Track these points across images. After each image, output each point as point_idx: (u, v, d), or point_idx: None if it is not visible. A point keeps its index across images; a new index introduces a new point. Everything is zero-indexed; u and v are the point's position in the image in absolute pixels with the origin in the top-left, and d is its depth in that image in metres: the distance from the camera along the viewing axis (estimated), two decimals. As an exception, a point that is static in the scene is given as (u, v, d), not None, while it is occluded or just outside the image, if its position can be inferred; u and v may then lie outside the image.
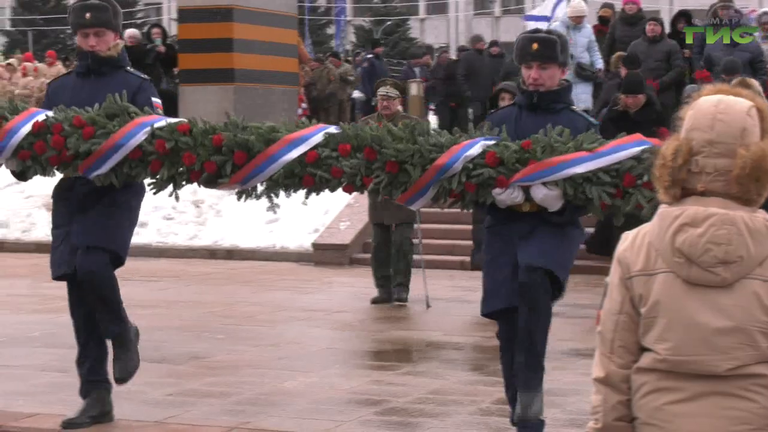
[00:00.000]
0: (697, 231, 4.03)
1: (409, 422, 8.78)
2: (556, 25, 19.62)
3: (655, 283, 4.10)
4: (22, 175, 7.66)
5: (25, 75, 31.04)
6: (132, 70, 7.94)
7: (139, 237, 15.98)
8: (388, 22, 74.73)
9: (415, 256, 14.53)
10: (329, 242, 18.58)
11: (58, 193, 7.79)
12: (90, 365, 8.18)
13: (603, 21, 23.20)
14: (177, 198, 7.56)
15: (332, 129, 7.14)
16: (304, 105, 28.00)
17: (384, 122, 12.49)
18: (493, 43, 28.95)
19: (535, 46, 6.85)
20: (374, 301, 14.19)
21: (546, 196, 6.57)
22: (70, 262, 7.67)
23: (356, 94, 28.60)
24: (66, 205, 7.72)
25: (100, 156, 7.04)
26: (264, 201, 7.18)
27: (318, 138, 6.99)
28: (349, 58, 32.60)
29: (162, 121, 7.21)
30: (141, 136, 7.04)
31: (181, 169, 7.15)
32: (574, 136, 6.61)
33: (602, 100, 18.09)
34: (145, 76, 7.95)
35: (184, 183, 7.34)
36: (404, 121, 7.31)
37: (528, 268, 6.85)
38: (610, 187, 6.47)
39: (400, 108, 14.12)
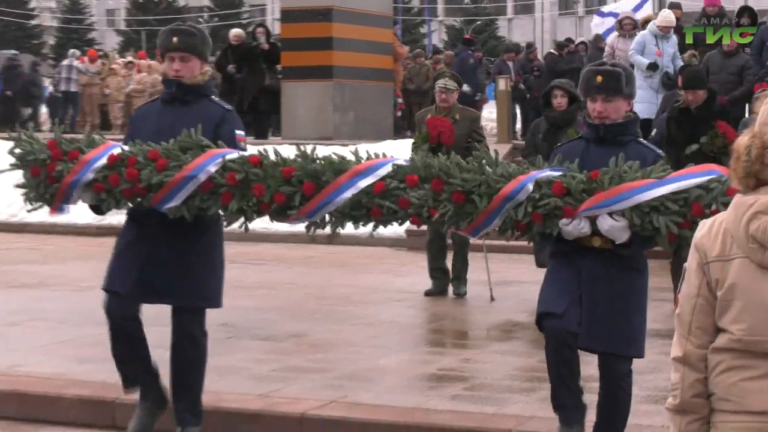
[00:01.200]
0: (770, 219, 4.04)
1: (496, 398, 8.78)
2: (643, 34, 19.25)
3: (730, 267, 4.10)
4: (97, 209, 7.37)
5: (139, 71, 31.27)
6: (217, 99, 7.61)
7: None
8: (478, 22, 74.58)
9: (479, 253, 13.72)
10: (422, 229, 18.51)
11: (134, 212, 7.32)
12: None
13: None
14: (247, 229, 7.26)
15: (401, 161, 6.89)
16: (399, 99, 27.97)
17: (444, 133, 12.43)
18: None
19: (599, 78, 6.60)
20: (428, 293, 13.52)
21: (612, 227, 6.26)
22: (127, 285, 7.17)
23: (465, 87, 27.71)
24: (138, 226, 7.28)
25: (172, 188, 6.79)
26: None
27: (387, 169, 6.75)
28: (440, 56, 32.16)
29: (234, 154, 6.95)
30: (212, 168, 6.81)
31: (252, 201, 6.90)
32: (643, 168, 6.33)
33: (661, 106, 17.48)
34: (229, 107, 7.62)
35: (255, 215, 7.05)
36: (475, 152, 6.93)
37: (608, 360, 6.63)
38: (677, 217, 6.12)
39: (456, 101, 13.59)
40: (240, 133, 7.34)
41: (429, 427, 8.06)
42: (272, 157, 6.96)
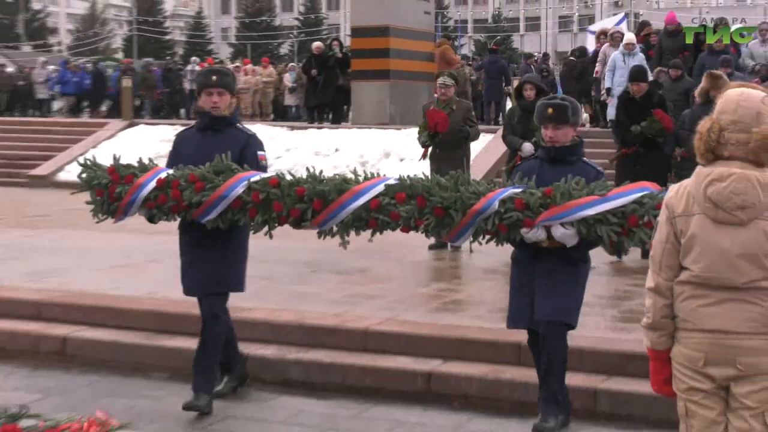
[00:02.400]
0: (722, 185, 4.02)
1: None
2: (615, 54, 18.93)
3: (692, 221, 4.10)
4: (151, 220, 7.08)
5: (246, 74, 31.29)
6: (241, 126, 7.26)
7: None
8: (498, 37, 74.47)
9: None
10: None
11: (182, 227, 7.09)
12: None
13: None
14: (271, 237, 6.94)
15: (391, 181, 6.56)
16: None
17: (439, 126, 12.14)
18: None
19: (550, 110, 6.36)
20: (431, 247, 12.65)
21: (563, 234, 6.00)
22: (196, 290, 7.09)
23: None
24: (187, 240, 7.06)
25: (208, 205, 6.59)
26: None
27: (380, 188, 6.48)
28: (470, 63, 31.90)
29: (257, 176, 6.68)
30: (240, 189, 6.57)
31: (273, 215, 6.66)
32: (587, 184, 6.07)
33: None
34: (252, 132, 7.24)
35: (276, 225, 6.79)
36: (451, 172, 6.57)
37: (548, 324, 6.31)
38: (617, 227, 5.87)
39: (453, 94, 13.12)
40: (261, 153, 7.11)
41: (457, 339, 8.05)
42: (287, 177, 6.75)
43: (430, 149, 12.84)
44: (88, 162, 7.02)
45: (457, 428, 6.87)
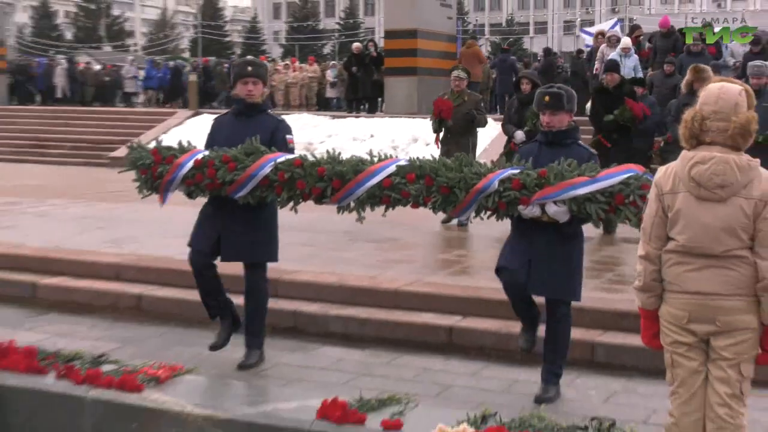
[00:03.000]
0: (704, 167, 4.01)
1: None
2: (613, 54, 18.40)
3: (677, 198, 4.09)
4: (189, 196, 6.87)
5: (294, 71, 31.28)
6: (271, 112, 7.01)
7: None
8: (510, 38, 73.92)
9: None
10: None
11: (214, 196, 6.78)
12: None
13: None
14: (296, 211, 6.69)
15: (402, 162, 6.32)
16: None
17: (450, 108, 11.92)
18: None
19: (547, 98, 6.12)
20: (443, 222, 12.24)
21: (556, 212, 5.79)
22: (206, 245, 6.82)
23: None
24: (216, 203, 6.79)
25: (240, 183, 6.39)
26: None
27: (392, 169, 6.25)
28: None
29: (282, 158, 6.46)
30: (267, 169, 6.36)
31: (297, 192, 6.44)
32: (580, 165, 5.84)
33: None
34: (281, 118, 7.00)
35: (300, 201, 6.56)
36: (456, 154, 6.44)
37: (552, 303, 6.16)
38: (605, 205, 5.64)
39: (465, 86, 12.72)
40: (289, 137, 6.89)
41: (475, 298, 8.06)
42: (310, 158, 6.53)
43: (441, 134, 12.59)
44: (134, 144, 6.88)
45: (474, 374, 6.88)
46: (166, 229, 11.30)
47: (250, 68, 6.87)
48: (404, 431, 4.91)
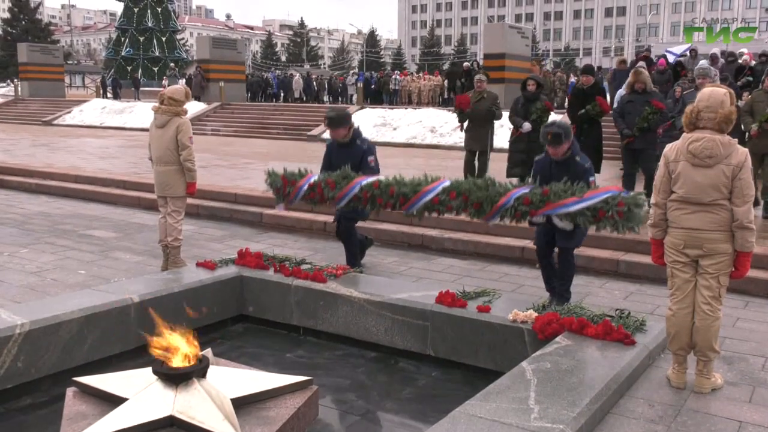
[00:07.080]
0: (698, 144, 3.85)
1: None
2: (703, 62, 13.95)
3: (679, 165, 3.93)
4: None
5: (424, 80, 30.95)
6: (359, 141, 6.55)
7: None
8: (566, 59, 70.89)
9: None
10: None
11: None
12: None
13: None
14: (378, 214, 6.44)
15: (446, 183, 5.65)
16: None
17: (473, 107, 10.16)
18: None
19: (549, 137, 5.53)
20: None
21: (557, 222, 5.27)
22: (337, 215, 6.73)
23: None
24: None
25: (339, 199, 5.92)
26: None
27: (439, 189, 5.62)
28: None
29: (365, 181, 5.93)
30: (356, 189, 5.90)
31: (377, 204, 5.85)
32: (576, 179, 5.31)
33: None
34: (367, 145, 6.50)
35: (380, 210, 5.92)
36: (485, 176, 5.85)
37: (563, 248, 5.77)
38: (590, 218, 4.96)
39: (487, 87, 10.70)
40: (371, 158, 6.54)
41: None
42: (383, 181, 5.91)
43: (465, 123, 10.68)
44: (270, 171, 6.38)
45: (537, 278, 6.78)
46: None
47: (330, 123, 6.59)
48: (492, 313, 4.91)
